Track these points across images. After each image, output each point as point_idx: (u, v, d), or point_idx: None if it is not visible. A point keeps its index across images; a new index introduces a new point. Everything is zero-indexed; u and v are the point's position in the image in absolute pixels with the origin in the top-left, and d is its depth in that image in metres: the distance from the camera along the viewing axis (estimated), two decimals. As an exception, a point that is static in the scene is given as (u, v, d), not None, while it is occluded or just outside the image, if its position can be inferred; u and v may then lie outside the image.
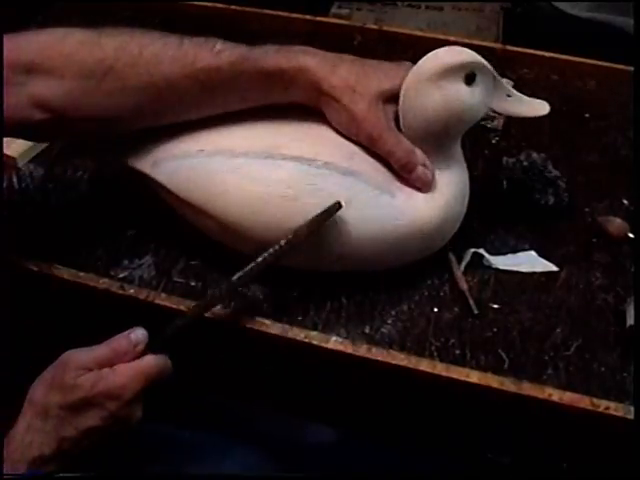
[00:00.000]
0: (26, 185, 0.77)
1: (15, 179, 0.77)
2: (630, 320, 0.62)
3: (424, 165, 0.62)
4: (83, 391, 0.53)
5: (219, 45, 0.61)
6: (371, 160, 0.63)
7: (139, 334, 0.56)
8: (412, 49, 0.96)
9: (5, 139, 0.74)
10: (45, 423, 0.54)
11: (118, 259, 0.69)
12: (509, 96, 0.64)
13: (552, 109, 0.88)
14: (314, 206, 0.60)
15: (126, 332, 0.56)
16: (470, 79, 0.60)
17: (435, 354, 0.61)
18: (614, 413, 0.57)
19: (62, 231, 0.71)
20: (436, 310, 0.65)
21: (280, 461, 0.76)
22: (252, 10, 1.02)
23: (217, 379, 0.73)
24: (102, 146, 0.73)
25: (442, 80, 0.60)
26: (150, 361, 0.56)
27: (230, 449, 0.74)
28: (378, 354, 0.61)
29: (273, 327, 0.62)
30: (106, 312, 0.68)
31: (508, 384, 0.59)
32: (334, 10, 1.44)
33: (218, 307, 0.64)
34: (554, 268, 0.68)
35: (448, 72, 0.60)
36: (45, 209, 0.74)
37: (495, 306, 0.65)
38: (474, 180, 0.77)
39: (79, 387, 0.53)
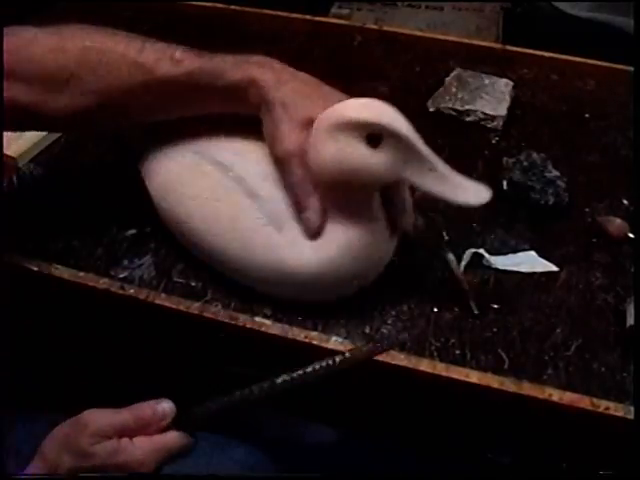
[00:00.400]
0: (26, 185, 0.77)
1: (15, 179, 0.77)
2: (630, 320, 0.62)
3: (314, 211, 0.59)
4: (98, 460, 0.51)
5: (178, 53, 0.62)
6: (282, 187, 0.61)
7: (166, 407, 0.54)
8: (412, 49, 0.97)
9: (5, 139, 0.74)
10: None
11: (118, 259, 0.69)
12: (432, 170, 0.56)
13: (552, 109, 0.89)
14: (213, 215, 0.62)
15: (152, 402, 0.54)
16: (374, 140, 0.55)
17: (435, 354, 0.61)
18: (614, 413, 0.57)
19: (62, 231, 0.71)
20: (436, 310, 0.65)
21: (280, 461, 0.76)
22: (252, 10, 1.02)
23: (217, 379, 0.72)
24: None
25: (340, 134, 0.55)
26: (173, 438, 0.53)
27: (230, 449, 0.74)
28: (378, 354, 0.61)
29: (273, 327, 0.62)
30: (106, 312, 0.68)
31: (508, 384, 0.58)
32: (334, 10, 1.44)
33: (218, 307, 0.64)
34: (554, 268, 0.68)
35: (347, 127, 0.55)
36: (45, 209, 0.74)
37: (495, 306, 0.65)
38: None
39: (94, 455, 0.51)
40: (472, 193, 0.56)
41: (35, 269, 0.67)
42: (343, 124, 0.55)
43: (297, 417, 0.79)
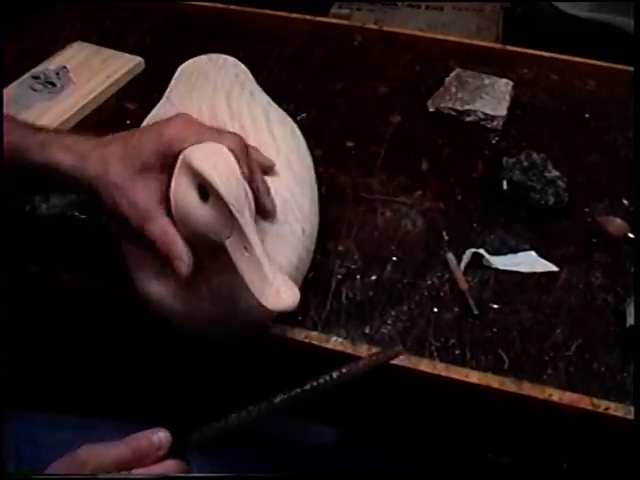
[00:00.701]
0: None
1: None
2: (630, 320, 0.62)
3: (181, 260, 0.54)
4: None
5: (6, 124, 0.61)
6: None
7: (162, 437, 0.52)
8: (412, 49, 0.97)
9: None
10: None
11: (118, 259, 0.69)
12: (248, 251, 0.51)
13: (552, 109, 0.88)
14: None
15: (148, 431, 0.53)
16: (203, 193, 0.52)
17: (435, 354, 0.61)
18: (614, 413, 0.57)
19: (62, 231, 0.71)
20: (436, 310, 0.65)
21: (280, 461, 0.76)
22: (252, 10, 1.02)
23: (217, 379, 0.73)
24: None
25: (182, 174, 0.53)
26: (170, 467, 0.52)
27: (230, 449, 0.74)
28: (378, 354, 0.61)
29: (273, 327, 0.62)
30: (106, 312, 0.68)
31: (508, 384, 0.59)
32: (334, 10, 1.44)
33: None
34: (554, 268, 0.68)
35: (187, 170, 0.53)
36: (45, 209, 0.74)
37: (495, 306, 0.65)
38: (474, 180, 0.77)
39: None
40: (273, 295, 0.51)
41: (35, 269, 0.67)
42: (185, 165, 0.53)
43: (297, 417, 0.79)
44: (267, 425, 0.80)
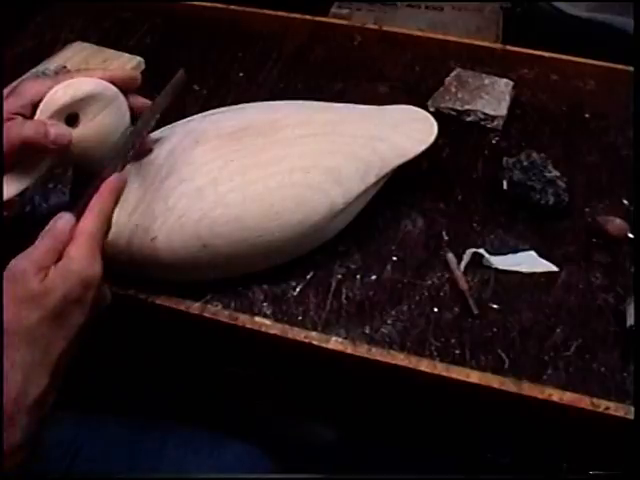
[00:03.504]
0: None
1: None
2: (630, 320, 0.62)
3: None
4: (60, 290, 0.48)
5: None
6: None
7: (63, 214, 0.52)
8: (412, 49, 0.97)
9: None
10: (33, 351, 0.47)
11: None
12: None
13: (552, 109, 0.88)
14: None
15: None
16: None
17: (435, 354, 0.61)
18: (614, 413, 0.57)
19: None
20: (436, 310, 0.65)
21: (280, 461, 0.76)
22: (252, 10, 1.02)
23: (217, 379, 0.73)
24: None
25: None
26: (88, 224, 0.51)
27: (230, 449, 0.74)
28: (378, 354, 0.61)
29: (273, 327, 0.62)
30: (106, 312, 0.68)
31: (508, 384, 0.59)
32: (334, 10, 1.44)
33: (218, 307, 0.64)
34: (554, 268, 0.68)
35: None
36: (45, 209, 0.74)
37: (495, 306, 0.65)
38: (474, 180, 0.77)
39: (52, 289, 0.47)
40: None
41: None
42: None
43: (297, 417, 0.79)
44: (267, 424, 0.80)
